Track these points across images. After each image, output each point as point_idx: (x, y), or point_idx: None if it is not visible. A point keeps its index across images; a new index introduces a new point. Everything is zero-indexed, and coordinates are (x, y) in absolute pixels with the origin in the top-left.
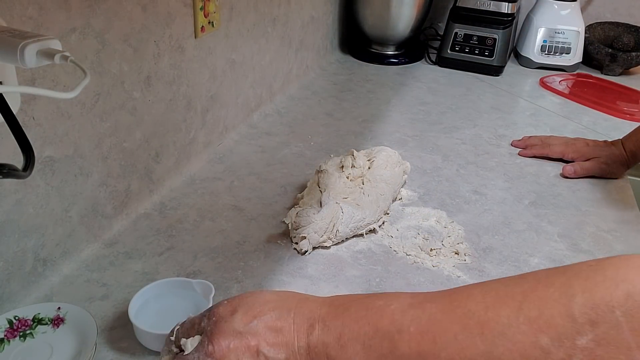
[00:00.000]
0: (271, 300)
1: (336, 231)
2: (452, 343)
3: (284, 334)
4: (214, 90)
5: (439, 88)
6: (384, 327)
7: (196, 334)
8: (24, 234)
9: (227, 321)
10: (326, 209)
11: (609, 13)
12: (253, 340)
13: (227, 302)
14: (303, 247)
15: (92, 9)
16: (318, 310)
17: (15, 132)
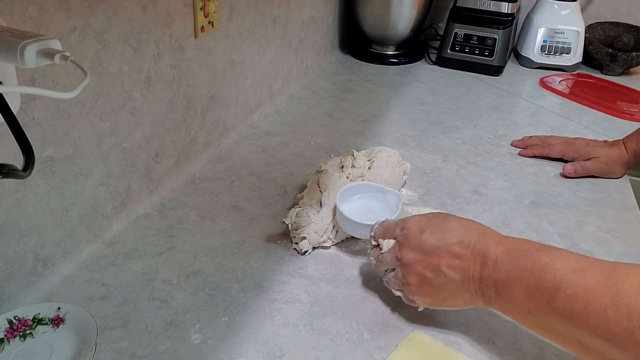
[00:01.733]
0: (455, 228)
1: (336, 231)
2: (600, 314)
3: (462, 260)
4: (214, 90)
5: (439, 88)
6: (545, 281)
7: (391, 237)
8: (24, 234)
9: (416, 237)
10: (326, 209)
11: (609, 13)
12: (435, 259)
13: (417, 219)
14: (303, 248)
15: (92, 9)
16: (494, 248)
17: (15, 132)
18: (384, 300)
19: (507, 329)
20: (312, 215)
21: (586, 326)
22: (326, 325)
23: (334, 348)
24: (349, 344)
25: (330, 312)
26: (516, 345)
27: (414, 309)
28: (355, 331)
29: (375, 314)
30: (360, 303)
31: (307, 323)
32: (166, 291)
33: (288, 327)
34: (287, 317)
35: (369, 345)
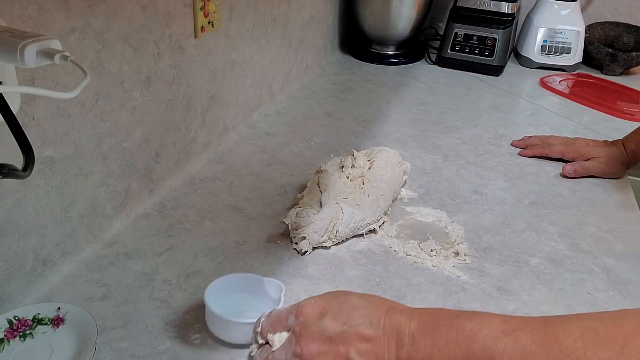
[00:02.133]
0: (359, 306)
1: (336, 231)
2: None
3: (374, 343)
4: (214, 90)
5: (439, 88)
6: (475, 353)
7: (283, 329)
8: (24, 234)
9: (316, 324)
10: (326, 209)
11: (609, 13)
12: (343, 347)
13: (313, 301)
14: (303, 248)
15: (92, 9)
16: (407, 323)
17: (15, 132)
18: None
19: None
20: (312, 215)
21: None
22: None
23: None
24: None
25: None
26: None
27: None
28: None
29: None
30: None
31: None
32: (166, 291)
33: None
34: None
35: None
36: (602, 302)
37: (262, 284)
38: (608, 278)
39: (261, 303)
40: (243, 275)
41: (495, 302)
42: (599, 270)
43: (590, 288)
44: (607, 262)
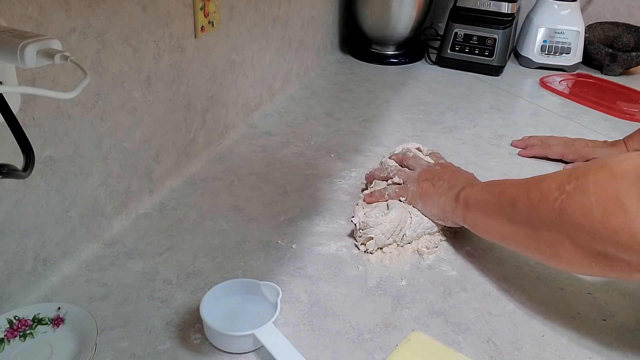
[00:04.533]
0: (469, 177)
1: (403, 235)
2: None
3: (457, 182)
4: (214, 90)
5: (439, 88)
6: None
7: None
8: (24, 234)
9: (448, 165)
10: (395, 212)
11: (609, 13)
12: (447, 176)
13: (453, 165)
14: (370, 248)
15: (92, 9)
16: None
17: (15, 132)
18: (384, 300)
19: (507, 329)
20: (381, 217)
21: None
22: (326, 325)
23: (333, 348)
24: (349, 344)
25: (330, 312)
26: (516, 345)
27: (414, 309)
28: (355, 331)
29: (375, 314)
30: (360, 303)
31: (307, 323)
32: (166, 291)
33: (288, 327)
34: (287, 317)
35: (369, 345)
36: (602, 302)
37: (258, 288)
38: (608, 278)
39: (259, 307)
40: (239, 280)
41: (495, 302)
42: None
43: (590, 288)
44: None
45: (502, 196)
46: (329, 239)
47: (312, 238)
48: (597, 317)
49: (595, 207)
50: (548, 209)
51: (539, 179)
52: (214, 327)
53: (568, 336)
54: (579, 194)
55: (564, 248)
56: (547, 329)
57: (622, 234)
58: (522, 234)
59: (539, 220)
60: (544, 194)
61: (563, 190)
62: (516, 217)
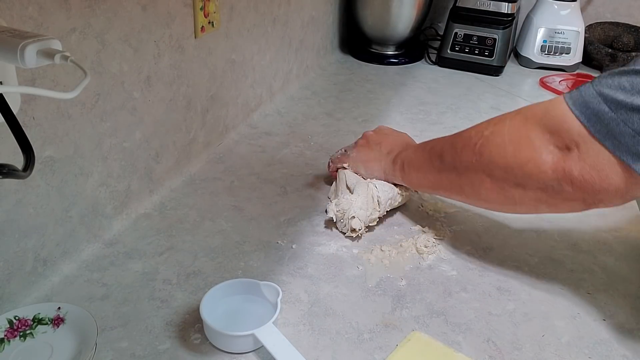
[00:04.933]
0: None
1: (377, 202)
2: None
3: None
4: (214, 90)
5: (439, 88)
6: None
7: None
8: (24, 234)
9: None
10: (359, 187)
11: (608, 13)
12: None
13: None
14: (355, 226)
15: (92, 9)
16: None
17: (15, 132)
18: (384, 300)
19: (508, 329)
20: (350, 197)
21: None
22: (326, 325)
23: (333, 348)
24: (349, 344)
25: (330, 312)
26: (516, 345)
27: (414, 309)
28: (355, 331)
29: (375, 314)
30: (360, 303)
31: (307, 323)
32: (166, 291)
33: (288, 327)
34: (287, 317)
35: (369, 345)
36: (602, 302)
37: (258, 288)
38: (608, 278)
39: (259, 307)
40: (239, 280)
41: (495, 302)
42: (599, 270)
43: (590, 288)
44: (607, 262)
45: (432, 152)
46: (329, 239)
47: (312, 238)
48: (597, 317)
49: (509, 145)
50: (469, 153)
51: (462, 131)
52: (214, 327)
53: (568, 336)
54: (496, 136)
55: (484, 186)
56: (547, 329)
57: (529, 164)
58: (447, 180)
59: (462, 165)
60: (465, 142)
61: (481, 135)
62: (443, 166)
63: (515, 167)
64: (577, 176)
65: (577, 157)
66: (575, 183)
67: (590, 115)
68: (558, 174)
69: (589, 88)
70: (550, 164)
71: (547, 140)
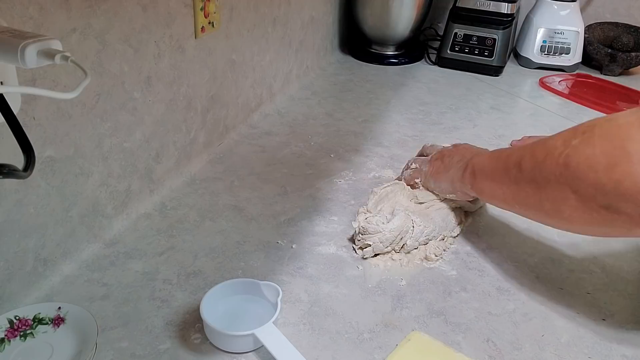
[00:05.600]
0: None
1: (404, 244)
2: None
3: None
4: (214, 90)
5: (439, 88)
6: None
7: None
8: (25, 234)
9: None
10: (397, 220)
11: (608, 13)
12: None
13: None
14: (366, 254)
15: (93, 9)
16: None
17: (15, 132)
18: (384, 300)
19: (507, 329)
20: (381, 224)
21: None
22: (326, 325)
23: (333, 348)
24: (349, 344)
25: (330, 312)
26: (516, 345)
27: (414, 309)
28: (355, 331)
29: (375, 314)
30: (360, 303)
31: (307, 323)
32: (166, 291)
33: (288, 327)
34: (287, 317)
35: (369, 345)
36: (601, 301)
37: (258, 287)
38: (608, 278)
39: (259, 307)
40: (239, 280)
41: (495, 302)
42: (599, 270)
43: (589, 288)
44: (607, 262)
45: (508, 160)
46: (329, 239)
47: (312, 238)
48: (597, 317)
49: (600, 158)
50: (553, 165)
51: (545, 138)
52: (214, 326)
53: (568, 336)
54: (584, 146)
55: (567, 204)
56: (547, 329)
57: (625, 182)
58: (524, 193)
59: (543, 177)
60: (549, 151)
61: (568, 145)
62: (521, 177)
63: (607, 185)
64: None
65: None
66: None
67: None
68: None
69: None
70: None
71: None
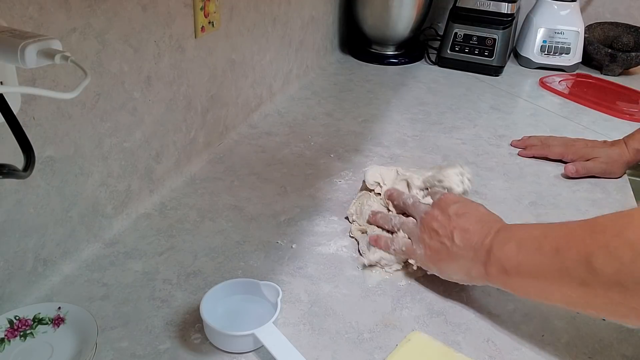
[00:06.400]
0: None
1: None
2: None
3: (472, 235)
4: (214, 90)
5: (439, 88)
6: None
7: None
8: (25, 233)
9: (448, 203)
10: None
11: (608, 13)
12: (453, 225)
13: (453, 197)
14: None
15: (92, 9)
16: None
17: (15, 132)
18: (384, 300)
19: (507, 329)
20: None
21: None
22: (326, 325)
23: (333, 348)
24: (349, 344)
25: (330, 312)
26: (516, 345)
27: (414, 309)
28: (355, 331)
29: (375, 314)
30: (360, 303)
31: (307, 323)
32: (166, 291)
33: (288, 327)
34: (287, 317)
35: (369, 345)
36: None
37: (258, 287)
38: None
39: (259, 307)
40: (239, 280)
41: (495, 302)
42: None
43: None
44: None
45: (561, 255)
46: (329, 239)
47: (312, 238)
48: (597, 317)
49: None
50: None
51: (619, 227)
52: (214, 326)
53: (568, 336)
54: None
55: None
56: (547, 329)
57: None
58: (603, 299)
59: (635, 281)
60: (638, 249)
61: None
62: (595, 279)
63: None
64: None
65: None
66: None
67: None
68: None
69: None
70: None
71: None
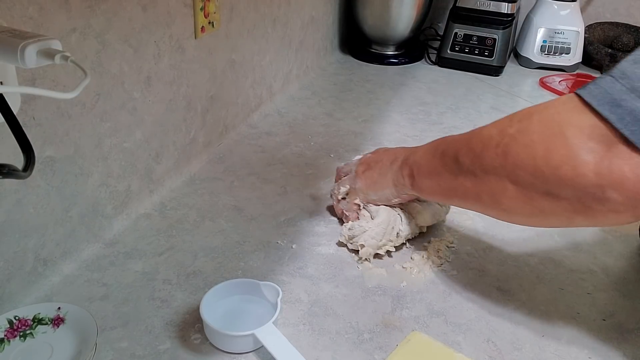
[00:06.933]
0: (396, 148)
1: (397, 232)
2: None
3: (394, 152)
4: (214, 90)
5: (439, 88)
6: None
7: None
8: (24, 233)
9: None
10: (381, 215)
11: (608, 13)
12: (379, 154)
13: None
14: (363, 255)
15: (92, 9)
16: (412, 148)
17: (15, 132)
18: (384, 300)
19: (507, 329)
20: (365, 223)
21: None
22: (326, 325)
23: (334, 348)
24: (349, 344)
25: (330, 312)
26: (516, 345)
27: (414, 309)
28: (355, 331)
29: (375, 314)
30: (360, 303)
31: (307, 323)
32: (166, 291)
33: (288, 327)
34: (287, 317)
35: (369, 345)
36: (601, 301)
37: (258, 288)
38: (608, 278)
39: (259, 307)
40: (239, 280)
41: (495, 302)
42: (599, 270)
43: (590, 288)
44: (607, 262)
45: (445, 154)
46: (329, 239)
47: (312, 238)
48: (597, 317)
49: (538, 145)
50: (491, 155)
51: (480, 129)
52: (214, 327)
53: (568, 336)
54: (523, 135)
55: (506, 194)
56: (547, 329)
57: (564, 167)
58: (463, 187)
59: (482, 169)
60: (485, 142)
61: (505, 134)
62: (459, 170)
63: (546, 171)
64: (632, 178)
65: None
66: (625, 188)
67: (623, 115)
68: (602, 177)
69: (613, 83)
70: (591, 165)
71: (586, 136)
